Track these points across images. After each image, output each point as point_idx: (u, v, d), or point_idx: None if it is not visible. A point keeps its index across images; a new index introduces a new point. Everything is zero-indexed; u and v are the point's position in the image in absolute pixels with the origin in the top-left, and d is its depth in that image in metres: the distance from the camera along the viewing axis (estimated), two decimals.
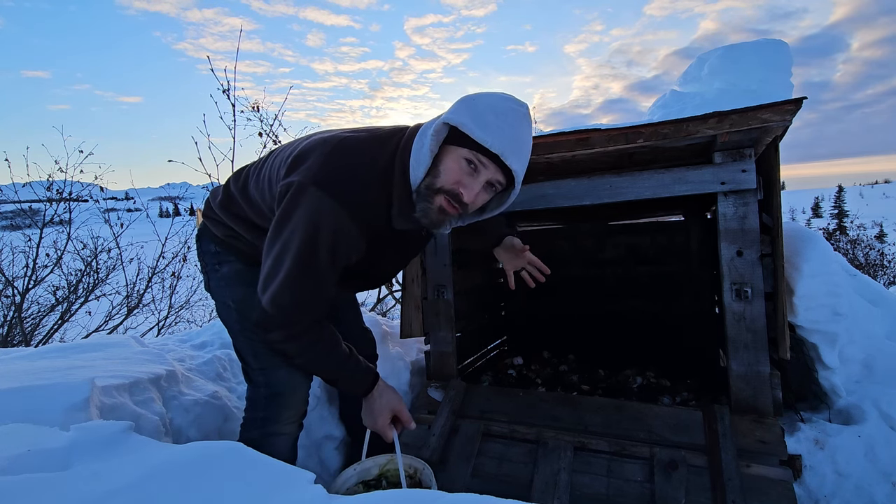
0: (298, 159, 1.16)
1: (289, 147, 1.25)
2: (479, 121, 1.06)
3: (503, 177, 1.13)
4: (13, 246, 5.05)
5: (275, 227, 1.13)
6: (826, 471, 1.57)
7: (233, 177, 1.42)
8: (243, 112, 4.56)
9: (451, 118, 1.09)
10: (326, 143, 1.15)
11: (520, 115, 1.11)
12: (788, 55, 1.75)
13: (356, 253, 1.18)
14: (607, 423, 1.73)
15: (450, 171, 1.11)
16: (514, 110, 1.10)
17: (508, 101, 1.12)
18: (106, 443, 0.95)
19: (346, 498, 0.83)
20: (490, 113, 1.07)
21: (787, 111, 1.40)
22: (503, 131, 1.07)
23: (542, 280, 1.69)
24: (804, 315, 1.71)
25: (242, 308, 1.35)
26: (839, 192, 51.91)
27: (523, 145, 1.11)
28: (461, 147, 1.09)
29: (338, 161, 1.12)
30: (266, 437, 1.35)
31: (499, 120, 1.07)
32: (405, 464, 1.38)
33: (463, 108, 1.10)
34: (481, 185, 1.12)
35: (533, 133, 1.21)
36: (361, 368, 1.32)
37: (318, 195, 1.08)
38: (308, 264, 1.11)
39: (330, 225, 1.09)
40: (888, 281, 8.15)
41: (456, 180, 1.11)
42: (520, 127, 1.10)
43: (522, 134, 1.11)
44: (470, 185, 1.11)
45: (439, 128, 1.10)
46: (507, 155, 1.07)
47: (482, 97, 1.12)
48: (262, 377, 1.37)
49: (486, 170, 1.11)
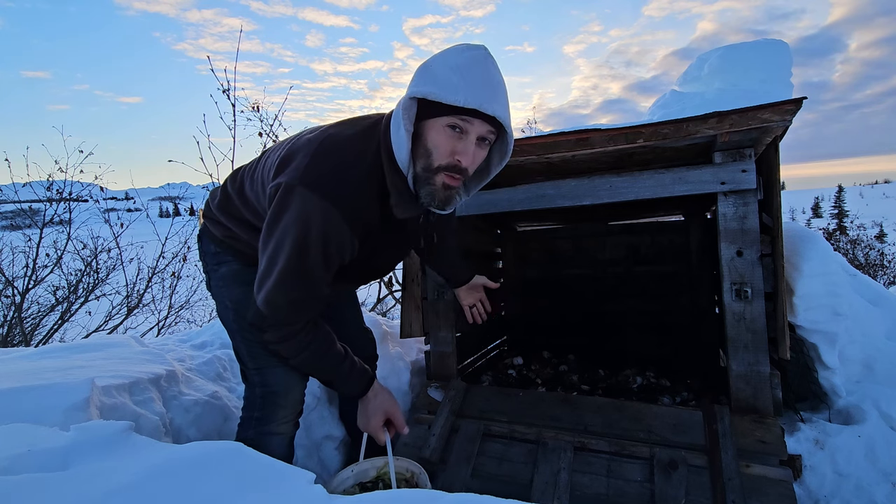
0: (286, 160, 1.15)
1: (279, 147, 1.25)
2: (445, 84, 1.03)
3: (491, 126, 1.10)
4: (13, 246, 5.05)
5: (266, 228, 1.13)
6: (826, 471, 1.57)
7: (230, 178, 1.42)
8: (243, 112, 4.57)
9: (416, 91, 1.06)
10: (312, 143, 1.14)
11: (480, 60, 1.06)
12: (788, 55, 1.75)
13: (350, 251, 1.17)
14: (607, 423, 1.73)
15: (439, 145, 1.09)
16: (474, 58, 1.06)
17: (464, 51, 1.07)
18: (106, 443, 0.95)
19: (345, 498, 0.83)
20: (451, 72, 1.04)
21: (787, 111, 1.40)
22: (472, 84, 1.03)
23: (484, 318, 1.89)
24: (804, 315, 1.71)
25: (239, 308, 1.35)
26: (839, 192, 51.92)
27: (496, 87, 1.06)
28: (439, 116, 1.07)
29: (324, 159, 1.11)
30: (262, 437, 1.36)
31: (463, 75, 1.03)
32: (402, 467, 1.38)
33: (423, 77, 1.07)
34: (473, 144, 1.10)
35: (532, 132, 1.20)
36: (357, 370, 1.32)
37: (307, 195, 1.07)
38: (300, 264, 1.10)
39: (320, 225, 1.08)
40: (888, 281, 8.15)
41: (449, 151, 1.09)
42: (486, 72, 1.06)
43: (491, 77, 1.06)
44: (463, 149, 1.09)
45: (407, 104, 1.07)
46: (486, 105, 1.03)
47: (437, 60, 1.08)
48: (257, 377, 1.37)
49: (472, 127, 1.08)
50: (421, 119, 1.09)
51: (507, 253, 3.36)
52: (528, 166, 1.88)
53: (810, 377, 1.81)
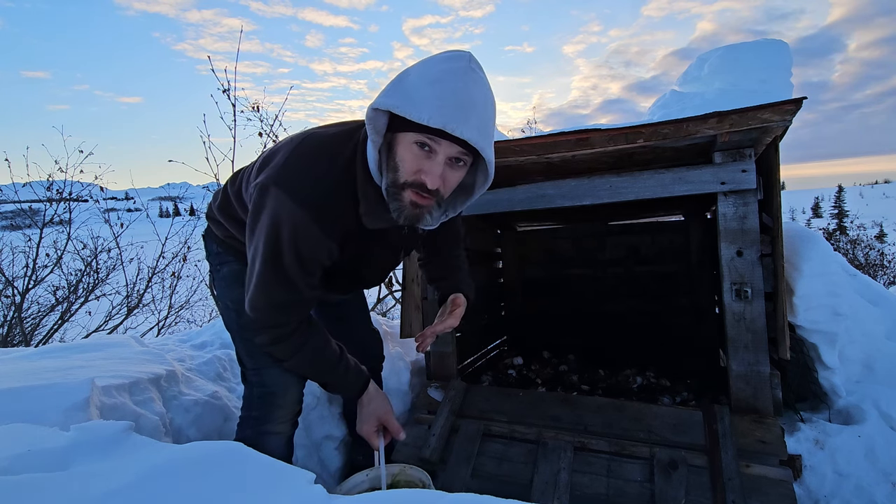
0: (267, 160, 1.14)
1: (271, 148, 1.25)
2: (412, 97, 0.94)
3: (463, 148, 0.99)
4: (13, 246, 5.05)
5: (247, 229, 1.12)
6: (826, 471, 1.57)
7: (230, 179, 1.42)
8: (243, 112, 4.56)
9: (381, 102, 0.96)
10: (293, 142, 1.12)
11: (459, 73, 0.95)
12: (788, 55, 1.75)
13: (326, 254, 1.13)
14: (607, 423, 1.73)
15: (405, 161, 1.01)
16: (452, 70, 0.95)
17: (443, 61, 0.98)
18: (106, 443, 0.95)
19: (345, 498, 0.83)
20: (423, 84, 0.95)
21: (788, 111, 1.40)
22: (442, 101, 0.92)
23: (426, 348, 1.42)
24: (804, 315, 1.71)
25: (239, 308, 1.36)
26: (839, 192, 51.91)
27: (471, 108, 0.95)
28: (408, 132, 0.98)
29: (299, 160, 1.09)
30: (260, 436, 1.36)
31: (434, 89, 0.93)
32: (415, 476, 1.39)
33: (395, 87, 0.98)
34: (441, 165, 1.00)
35: (532, 133, 1.18)
36: (352, 372, 1.32)
37: (278, 196, 1.04)
38: (275, 266, 1.08)
39: (289, 226, 1.05)
40: (888, 281, 8.15)
41: (415, 169, 1.00)
42: (463, 88, 0.94)
43: (468, 95, 0.95)
44: (429, 169, 0.99)
45: (371, 116, 0.98)
46: (453, 125, 0.92)
47: (414, 69, 0.99)
48: (255, 377, 1.38)
49: (440, 147, 0.98)
50: (393, 130, 1.02)
51: (507, 253, 3.36)
52: (528, 166, 1.88)
53: (810, 377, 1.81)
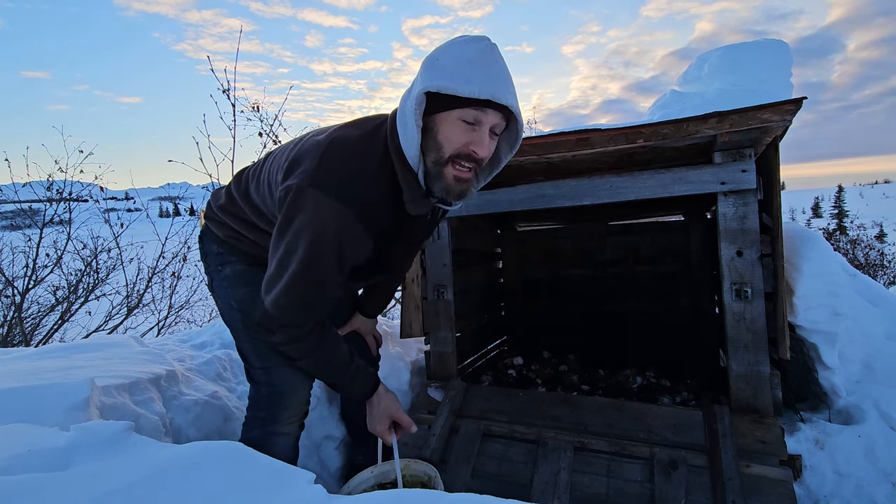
0: (294, 163, 1.15)
1: (285, 150, 1.24)
2: (459, 76, 1.03)
3: (501, 117, 1.10)
4: (13, 246, 5.05)
5: (278, 231, 1.13)
6: (826, 471, 1.57)
7: (234, 180, 1.42)
8: (243, 112, 4.57)
9: (429, 85, 1.04)
10: (320, 145, 1.14)
11: (489, 52, 1.06)
12: (788, 55, 1.75)
13: (364, 251, 1.17)
14: (607, 423, 1.73)
15: (451, 137, 1.08)
16: (482, 50, 1.06)
17: (471, 43, 1.07)
18: (106, 443, 0.95)
19: (345, 498, 0.83)
20: (462, 64, 1.04)
21: (788, 111, 1.40)
22: (485, 76, 1.03)
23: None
24: (804, 315, 1.71)
25: (245, 308, 1.35)
26: (839, 192, 51.91)
27: (506, 78, 1.08)
28: (452, 109, 1.06)
29: (334, 161, 1.11)
30: (267, 437, 1.36)
31: (475, 67, 1.04)
32: (420, 471, 1.40)
33: (433, 70, 1.06)
34: (486, 135, 1.10)
35: (532, 132, 1.20)
36: (363, 372, 1.33)
37: (319, 197, 1.07)
38: (313, 267, 1.10)
39: (334, 226, 1.08)
40: (888, 281, 8.15)
41: (463, 142, 1.08)
42: (496, 63, 1.06)
43: (501, 68, 1.07)
44: (478, 140, 1.08)
45: (420, 99, 1.05)
46: (499, 95, 1.04)
47: (445, 53, 1.07)
48: (264, 377, 1.37)
49: (486, 117, 1.07)
50: (430, 114, 1.08)
51: (507, 253, 3.36)
52: (528, 166, 1.88)
53: (810, 377, 1.81)
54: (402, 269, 1.75)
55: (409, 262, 1.76)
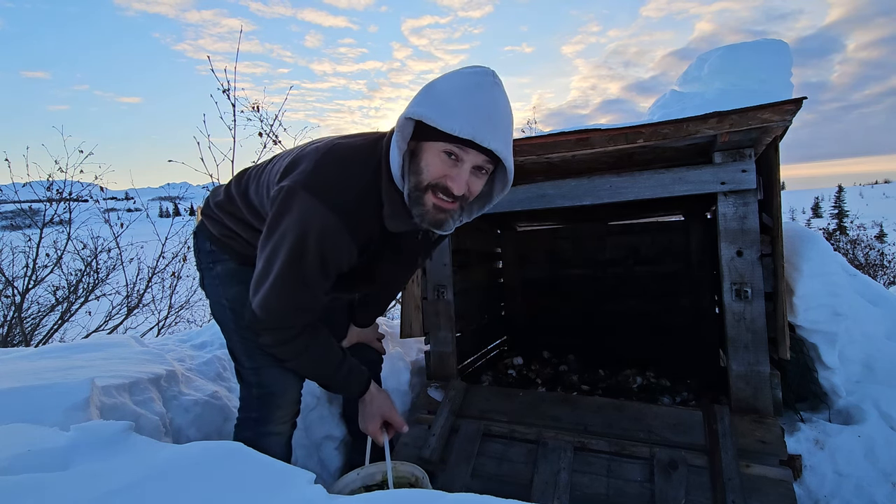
0: (292, 165, 1.16)
1: (289, 153, 1.26)
2: (443, 109, 1.00)
3: (488, 157, 1.06)
4: (13, 246, 5.05)
5: (266, 230, 1.14)
6: (826, 471, 1.57)
7: (234, 179, 1.42)
8: (243, 112, 4.57)
9: (413, 112, 1.02)
10: (318, 150, 1.16)
11: (486, 87, 1.02)
12: (788, 55, 1.75)
13: (347, 258, 1.16)
14: (607, 423, 1.73)
15: (431, 165, 1.06)
16: (479, 84, 1.02)
17: (470, 76, 1.03)
18: (106, 443, 0.95)
19: (345, 498, 0.83)
20: (453, 96, 1.00)
21: (788, 111, 1.40)
22: (472, 113, 0.99)
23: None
24: (804, 315, 1.71)
25: (236, 307, 1.36)
26: (839, 192, 51.87)
27: (499, 120, 1.02)
28: (436, 141, 1.04)
29: (328, 166, 1.12)
30: (260, 437, 1.36)
31: (464, 102, 1.00)
32: (407, 471, 1.40)
33: (425, 98, 1.04)
34: (467, 173, 1.06)
35: (532, 133, 1.19)
36: (354, 373, 1.34)
37: (308, 199, 1.07)
38: (297, 269, 1.10)
39: (318, 229, 1.08)
40: (888, 281, 8.15)
41: (440, 174, 1.06)
42: (490, 101, 1.02)
43: (495, 108, 1.02)
44: (456, 175, 1.05)
45: (402, 124, 1.04)
46: (482, 137, 0.99)
47: (442, 81, 1.05)
48: (254, 377, 1.37)
49: (467, 156, 1.04)
50: (420, 139, 1.07)
51: (507, 253, 3.36)
52: (528, 166, 1.88)
53: (810, 377, 1.81)
54: (394, 286, 1.74)
55: (404, 281, 1.76)
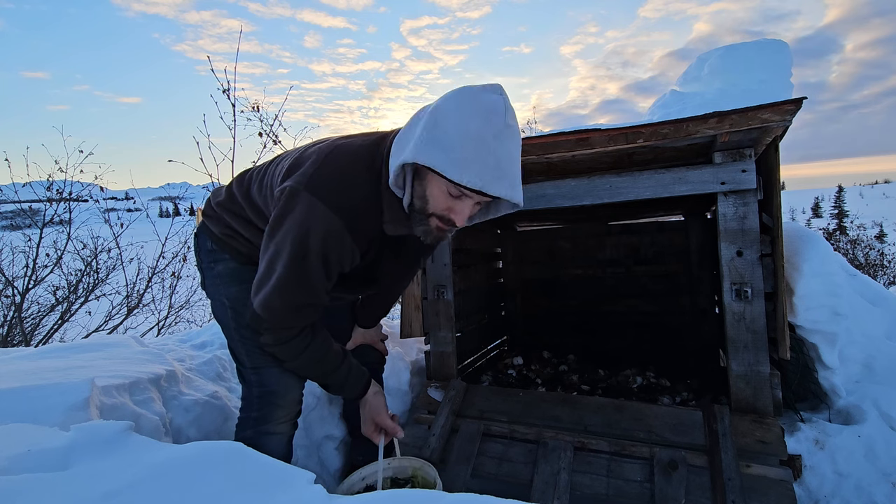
0: (295, 166, 1.17)
1: (291, 154, 1.27)
2: (453, 159, 0.97)
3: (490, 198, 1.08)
4: (13, 246, 5.04)
5: (269, 230, 1.14)
6: (826, 471, 1.57)
7: (236, 179, 1.43)
8: (243, 112, 4.57)
9: (420, 158, 0.99)
10: (321, 151, 1.16)
11: (498, 132, 0.99)
12: (788, 55, 1.75)
13: (349, 259, 1.17)
14: (607, 423, 1.73)
15: (436, 198, 1.08)
16: (491, 130, 0.99)
17: (481, 115, 0.99)
18: (106, 443, 0.95)
19: (345, 498, 0.83)
20: (465, 145, 0.97)
21: (788, 111, 1.40)
22: (483, 167, 0.98)
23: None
24: (804, 315, 1.71)
25: (237, 306, 1.36)
26: (839, 192, 51.84)
27: (508, 166, 1.01)
28: (442, 178, 1.02)
29: (331, 167, 1.13)
30: (260, 437, 1.36)
31: (476, 154, 0.97)
32: (405, 465, 1.40)
33: (432, 141, 1.00)
34: (470, 208, 1.10)
35: (532, 133, 1.20)
36: (353, 374, 1.35)
37: (310, 200, 1.08)
38: (299, 269, 1.11)
39: (320, 230, 1.09)
40: (888, 281, 8.15)
41: (445, 207, 1.08)
42: (503, 153, 1.00)
43: (508, 159, 1.01)
44: (459, 209, 1.09)
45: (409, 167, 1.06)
46: (490, 186, 0.99)
47: (452, 120, 0.99)
48: (255, 377, 1.38)
49: (472, 195, 1.06)
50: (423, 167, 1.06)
51: (507, 253, 3.36)
52: (528, 166, 1.88)
53: (810, 377, 1.81)
54: (396, 287, 1.75)
55: (406, 281, 1.76)
